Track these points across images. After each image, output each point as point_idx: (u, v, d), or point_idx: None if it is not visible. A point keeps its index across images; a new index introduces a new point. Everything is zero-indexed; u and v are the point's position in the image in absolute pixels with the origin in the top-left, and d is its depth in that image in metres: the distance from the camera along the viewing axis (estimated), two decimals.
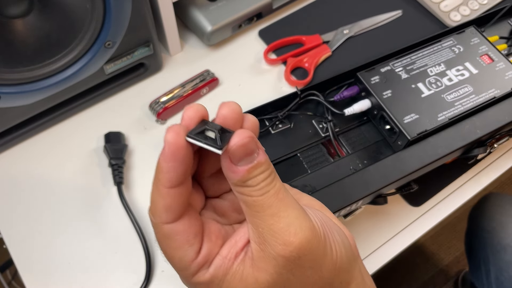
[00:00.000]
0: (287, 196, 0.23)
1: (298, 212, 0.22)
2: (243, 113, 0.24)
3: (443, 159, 0.42)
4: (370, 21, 0.62)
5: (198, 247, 0.23)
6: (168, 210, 0.23)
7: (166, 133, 0.21)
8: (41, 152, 0.52)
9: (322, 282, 0.24)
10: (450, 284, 1.22)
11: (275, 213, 0.22)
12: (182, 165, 0.22)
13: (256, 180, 0.22)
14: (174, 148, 0.21)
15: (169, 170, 0.22)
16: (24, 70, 0.43)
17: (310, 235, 0.22)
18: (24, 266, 0.45)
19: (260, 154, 0.22)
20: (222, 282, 0.24)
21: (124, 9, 0.45)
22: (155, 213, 0.23)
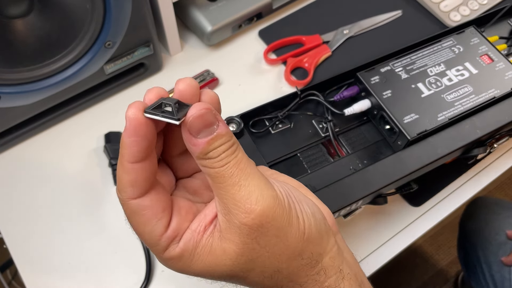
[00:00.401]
0: (249, 166, 0.23)
1: (259, 181, 0.23)
2: (200, 89, 0.24)
3: (443, 159, 0.42)
4: (370, 21, 0.62)
5: (166, 221, 0.24)
6: (134, 185, 0.23)
7: (127, 110, 0.22)
8: (41, 152, 0.52)
9: (289, 252, 0.24)
10: (450, 284, 1.22)
11: (236, 182, 0.22)
12: (144, 140, 0.22)
13: (216, 151, 0.22)
14: (135, 123, 0.22)
15: (131, 144, 0.22)
16: (24, 70, 0.43)
17: (272, 203, 0.22)
18: (24, 266, 0.46)
19: (220, 126, 0.22)
20: (193, 255, 0.24)
21: (124, 9, 0.45)
22: (121, 189, 0.23)
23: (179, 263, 0.25)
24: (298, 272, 0.24)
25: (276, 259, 0.24)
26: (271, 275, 0.24)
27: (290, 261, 0.24)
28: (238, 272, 0.24)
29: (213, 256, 0.24)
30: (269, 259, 0.24)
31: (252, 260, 0.24)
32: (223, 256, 0.23)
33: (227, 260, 0.24)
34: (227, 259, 0.23)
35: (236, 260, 0.23)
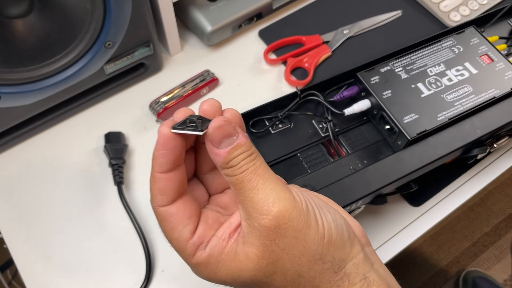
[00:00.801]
0: (267, 172, 0.25)
1: (276, 185, 0.24)
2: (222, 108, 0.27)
3: (442, 159, 0.42)
4: (370, 21, 0.62)
5: (192, 227, 0.26)
6: (162, 193, 0.26)
7: (159, 127, 0.25)
8: (41, 152, 0.52)
9: (309, 255, 0.24)
10: (450, 284, 1.22)
11: (254, 186, 0.24)
12: (171, 153, 0.25)
13: (236, 160, 0.24)
14: (164, 138, 0.25)
15: (160, 157, 0.25)
16: (24, 70, 0.43)
17: (288, 204, 0.24)
18: (24, 266, 0.46)
19: (240, 137, 0.25)
20: (218, 261, 0.25)
21: (124, 9, 0.45)
22: (152, 198, 0.26)
23: (206, 269, 0.26)
24: (321, 277, 0.25)
25: (296, 262, 0.24)
26: (293, 279, 0.25)
27: (311, 264, 0.24)
28: (261, 278, 0.25)
29: (237, 261, 0.25)
30: (290, 261, 0.24)
31: (273, 263, 0.24)
32: (246, 260, 0.25)
33: (249, 265, 0.24)
34: (249, 263, 0.24)
35: (257, 264, 0.24)
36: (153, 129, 0.54)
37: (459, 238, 1.28)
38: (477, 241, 1.28)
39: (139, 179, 0.51)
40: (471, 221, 1.31)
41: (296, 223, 0.24)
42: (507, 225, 1.31)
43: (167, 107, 0.53)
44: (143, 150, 0.53)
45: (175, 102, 0.54)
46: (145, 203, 0.49)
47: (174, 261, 0.46)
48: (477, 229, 1.30)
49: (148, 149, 0.52)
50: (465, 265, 1.24)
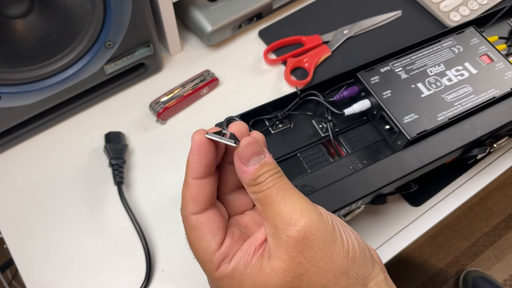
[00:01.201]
0: (293, 188, 0.26)
1: (303, 200, 0.25)
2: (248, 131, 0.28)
3: (442, 159, 0.42)
4: (370, 21, 0.62)
5: (220, 239, 0.26)
6: (194, 200, 0.26)
7: (193, 134, 0.26)
8: (42, 152, 0.52)
9: (335, 268, 0.24)
10: (450, 284, 1.22)
11: (282, 199, 0.25)
12: (205, 158, 0.26)
13: (264, 176, 0.25)
14: (198, 144, 0.26)
15: (195, 162, 0.26)
16: (25, 70, 0.43)
17: (315, 217, 0.24)
18: (24, 265, 0.46)
19: (267, 156, 0.26)
20: (243, 275, 0.25)
21: (124, 9, 0.45)
22: (184, 206, 0.27)
23: (229, 283, 0.26)
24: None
25: (322, 275, 0.24)
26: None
27: (337, 278, 0.24)
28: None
29: (262, 275, 0.25)
30: (316, 274, 0.24)
31: (299, 276, 0.24)
32: (272, 273, 0.24)
33: (275, 278, 0.24)
34: (275, 277, 0.24)
35: (283, 277, 0.24)
36: (153, 129, 0.54)
37: (459, 238, 1.28)
38: (477, 241, 1.28)
39: (139, 179, 0.51)
40: (471, 221, 1.31)
41: (323, 235, 0.24)
42: (507, 225, 1.31)
43: (167, 107, 0.53)
44: (143, 150, 0.53)
45: (175, 102, 0.54)
46: (145, 203, 0.49)
47: (174, 261, 0.46)
48: (477, 229, 1.30)
49: (149, 149, 0.53)
50: (465, 265, 1.24)
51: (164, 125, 0.55)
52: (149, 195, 0.50)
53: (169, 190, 0.50)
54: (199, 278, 0.45)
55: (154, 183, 0.50)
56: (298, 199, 0.25)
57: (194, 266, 0.46)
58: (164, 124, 0.55)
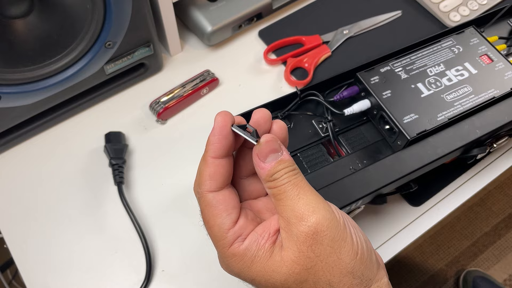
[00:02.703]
0: (308, 185, 0.26)
1: (317, 197, 0.26)
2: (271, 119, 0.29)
3: (442, 159, 0.42)
4: (369, 21, 0.62)
5: (235, 217, 0.27)
6: (212, 178, 0.27)
7: (217, 115, 0.27)
8: (42, 152, 0.52)
9: (342, 266, 0.25)
10: (449, 284, 1.22)
11: (296, 195, 0.25)
12: (226, 139, 0.27)
13: (280, 173, 0.26)
14: (221, 125, 0.26)
15: (215, 141, 0.27)
16: (25, 70, 0.43)
17: (327, 214, 0.25)
18: (24, 265, 0.46)
19: (284, 154, 0.26)
20: (254, 257, 0.26)
21: (125, 10, 0.45)
22: (201, 183, 0.27)
23: (240, 262, 0.26)
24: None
25: (329, 271, 0.25)
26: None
27: (342, 276, 0.25)
28: (292, 284, 0.25)
29: (272, 261, 0.26)
30: (323, 269, 0.25)
31: (307, 269, 0.25)
32: (280, 262, 0.25)
33: (283, 267, 0.25)
34: (283, 266, 0.25)
35: (291, 268, 0.25)
36: (153, 129, 0.54)
37: (459, 238, 1.28)
38: (477, 241, 1.28)
39: (139, 179, 0.51)
40: (471, 221, 1.31)
41: (333, 233, 0.25)
42: (507, 225, 1.31)
43: (167, 107, 0.53)
44: (143, 150, 0.53)
45: (175, 102, 0.54)
46: (145, 203, 0.49)
47: (174, 261, 0.46)
48: (477, 229, 1.30)
49: (149, 149, 0.53)
50: (465, 265, 1.24)
51: (164, 125, 0.55)
52: (149, 195, 0.50)
53: (169, 190, 0.50)
54: (199, 278, 0.46)
55: (154, 183, 0.51)
56: (312, 196, 0.26)
57: (194, 266, 0.46)
58: (164, 124, 0.55)
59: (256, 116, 0.28)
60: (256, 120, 0.28)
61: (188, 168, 0.51)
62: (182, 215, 0.49)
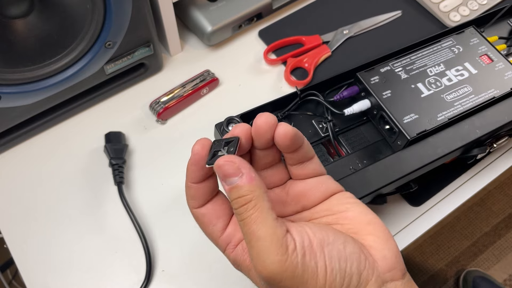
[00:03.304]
0: (262, 228, 0.24)
1: (268, 244, 0.24)
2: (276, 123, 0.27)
3: (442, 159, 0.42)
4: (369, 21, 0.62)
5: (221, 226, 0.28)
6: (193, 198, 0.28)
7: (194, 144, 0.27)
8: (42, 152, 0.52)
9: None
10: (449, 284, 1.22)
11: (249, 241, 0.24)
12: (201, 170, 0.27)
13: (236, 202, 0.25)
14: (197, 158, 0.27)
15: (191, 170, 0.27)
16: (25, 70, 0.43)
17: (277, 269, 0.23)
18: (24, 265, 0.46)
19: (243, 178, 0.24)
20: (240, 266, 0.28)
21: (125, 10, 0.45)
22: (187, 201, 0.29)
23: (237, 267, 0.29)
24: None
25: None
26: None
27: None
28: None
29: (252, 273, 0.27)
30: None
31: None
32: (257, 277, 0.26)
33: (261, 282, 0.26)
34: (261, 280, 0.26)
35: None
36: (153, 129, 0.54)
37: (458, 238, 1.28)
38: (477, 241, 1.28)
39: (139, 179, 0.51)
40: (470, 221, 1.31)
41: (290, 281, 0.24)
42: (507, 225, 1.31)
43: (167, 107, 0.53)
44: (143, 150, 0.53)
45: (175, 102, 0.54)
46: (145, 203, 0.49)
47: (174, 261, 0.46)
48: (477, 229, 1.30)
49: (149, 149, 0.53)
50: (465, 265, 1.24)
51: (164, 125, 0.55)
52: (149, 195, 0.50)
53: (169, 190, 0.50)
54: (199, 278, 0.46)
55: (154, 183, 0.51)
56: (263, 245, 0.24)
57: (194, 266, 0.46)
58: (164, 124, 0.55)
59: (258, 121, 0.26)
60: (258, 126, 0.26)
61: None
62: (182, 215, 0.49)
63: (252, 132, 0.27)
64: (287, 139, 0.26)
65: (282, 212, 0.30)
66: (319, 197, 0.29)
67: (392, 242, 0.27)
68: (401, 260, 0.27)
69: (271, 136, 0.26)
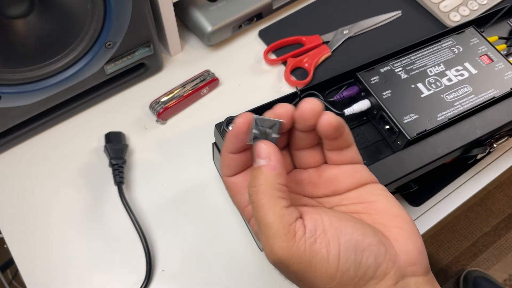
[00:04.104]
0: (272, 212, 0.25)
1: (275, 231, 0.24)
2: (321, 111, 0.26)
3: (442, 159, 0.42)
4: (369, 21, 0.62)
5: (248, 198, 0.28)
6: (227, 167, 0.29)
7: (238, 117, 0.27)
8: (42, 152, 0.52)
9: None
10: (450, 284, 1.22)
11: (259, 225, 0.25)
12: (239, 143, 0.27)
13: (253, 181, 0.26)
14: (238, 131, 0.27)
15: (230, 140, 0.28)
16: (25, 70, 0.43)
17: (283, 254, 0.24)
18: (24, 265, 0.46)
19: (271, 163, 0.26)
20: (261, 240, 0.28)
21: (125, 10, 0.45)
22: (221, 168, 0.30)
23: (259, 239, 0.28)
24: None
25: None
26: None
27: None
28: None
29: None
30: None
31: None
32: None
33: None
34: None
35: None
36: (154, 129, 0.54)
37: (459, 238, 1.28)
38: (477, 241, 1.28)
39: (139, 179, 0.51)
40: (470, 221, 1.31)
41: (297, 268, 0.24)
42: (507, 225, 1.31)
43: (167, 107, 0.53)
44: (143, 150, 0.53)
45: (175, 102, 0.54)
46: (145, 203, 0.49)
47: (174, 261, 0.46)
48: (476, 229, 1.30)
49: (149, 149, 0.53)
50: (465, 265, 1.24)
51: (164, 125, 0.55)
52: (149, 195, 0.50)
53: (169, 190, 0.50)
54: (199, 278, 0.46)
55: (154, 183, 0.51)
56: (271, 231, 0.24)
57: (194, 266, 0.46)
58: (164, 124, 0.55)
59: (304, 107, 0.26)
60: (303, 112, 0.26)
61: (188, 168, 0.52)
62: (182, 215, 0.49)
63: (295, 115, 0.27)
64: (331, 129, 0.26)
65: (312, 193, 0.30)
66: (351, 184, 0.29)
67: (417, 237, 0.27)
68: (425, 257, 0.27)
69: (314, 122, 0.26)
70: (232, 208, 0.49)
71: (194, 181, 0.51)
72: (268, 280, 0.45)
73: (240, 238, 0.47)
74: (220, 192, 0.50)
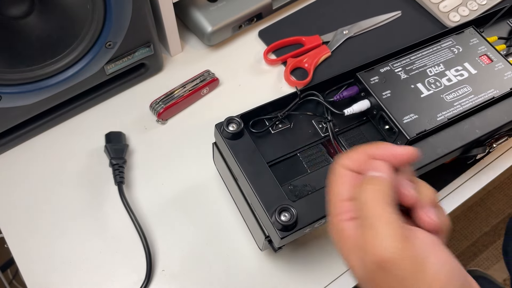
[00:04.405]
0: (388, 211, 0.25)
1: (390, 229, 0.25)
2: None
3: (442, 159, 0.42)
4: (369, 21, 0.62)
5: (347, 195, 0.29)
6: (351, 160, 0.29)
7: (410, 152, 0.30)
8: (42, 152, 0.52)
9: None
10: None
11: (370, 221, 0.25)
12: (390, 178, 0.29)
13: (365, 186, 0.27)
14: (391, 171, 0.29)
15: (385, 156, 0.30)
16: (25, 70, 0.43)
17: (392, 254, 0.24)
18: (25, 265, 0.46)
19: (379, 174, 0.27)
20: (342, 243, 0.28)
21: (125, 10, 0.45)
22: (341, 159, 0.30)
23: (337, 240, 0.28)
24: None
25: None
26: None
27: None
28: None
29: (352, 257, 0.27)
30: None
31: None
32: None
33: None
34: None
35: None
36: (154, 129, 0.54)
37: (458, 238, 1.28)
38: (476, 241, 1.28)
39: (139, 179, 0.51)
40: (470, 221, 1.31)
41: (401, 271, 0.24)
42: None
43: (168, 107, 0.53)
44: (143, 150, 0.53)
45: (175, 102, 0.54)
46: (146, 203, 0.49)
47: (174, 261, 0.46)
48: (476, 229, 1.30)
49: (149, 149, 0.53)
50: (465, 264, 1.24)
51: (165, 125, 0.55)
52: (150, 195, 0.50)
53: (170, 190, 0.50)
54: (199, 278, 0.46)
55: (154, 183, 0.51)
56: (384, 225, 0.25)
57: (194, 266, 0.46)
58: (164, 124, 0.55)
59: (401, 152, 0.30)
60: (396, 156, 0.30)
61: (188, 168, 0.52)
62: (182, 215, 0.49)
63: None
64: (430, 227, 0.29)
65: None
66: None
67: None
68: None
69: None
70: (232, 208, 0.49)
71: (194, 181, 0.51)
72: (268, 280, 0.45)
73: (240, 238, 0.48)
74: (220, 192, 0.50)
